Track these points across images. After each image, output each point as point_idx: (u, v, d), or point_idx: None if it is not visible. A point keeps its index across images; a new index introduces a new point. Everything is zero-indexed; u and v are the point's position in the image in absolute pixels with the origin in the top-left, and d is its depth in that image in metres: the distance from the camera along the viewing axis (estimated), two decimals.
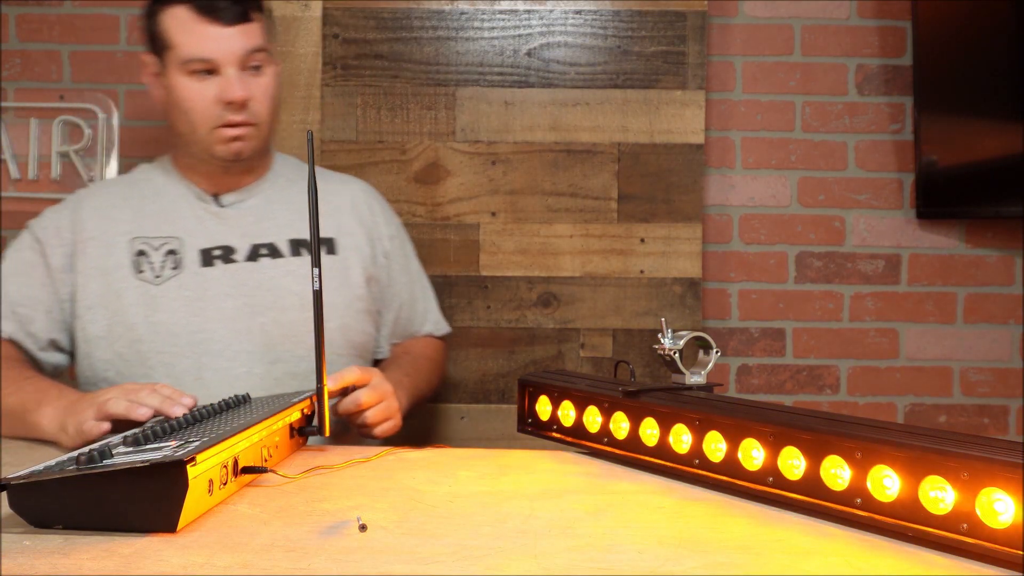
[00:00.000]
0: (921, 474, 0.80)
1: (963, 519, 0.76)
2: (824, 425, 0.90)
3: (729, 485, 0.98)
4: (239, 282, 1.43)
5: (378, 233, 1.57)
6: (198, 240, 1.44)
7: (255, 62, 1.40)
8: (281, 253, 1.46)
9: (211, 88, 1.39)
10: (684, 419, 1.04)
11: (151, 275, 1.42)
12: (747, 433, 0.96)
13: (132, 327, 1.39)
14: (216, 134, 1.40)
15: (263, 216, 1.49)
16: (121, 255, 1.43)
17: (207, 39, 1.37)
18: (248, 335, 1.41)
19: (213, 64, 1.38)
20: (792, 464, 0.92)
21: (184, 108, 1.40)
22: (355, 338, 1.50)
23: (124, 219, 1.46)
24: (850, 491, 0.86)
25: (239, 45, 1.38)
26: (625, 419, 1.12)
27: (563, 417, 1.21)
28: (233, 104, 1.38)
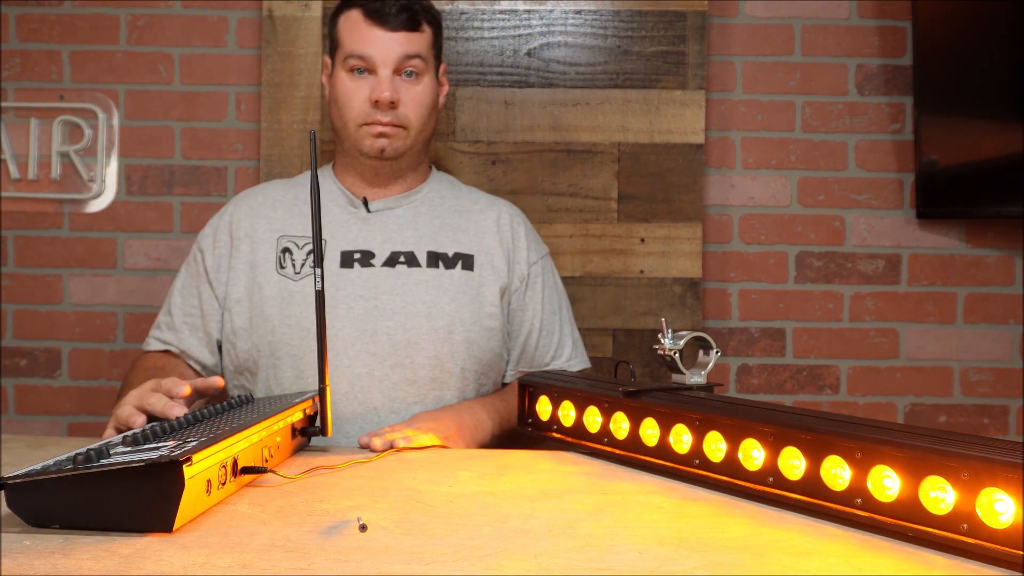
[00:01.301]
0: (921, 474, 0.80)
1: (963, 519, 0.76)
2: (824, 425, 0.90)
3: (729, 485, 0.98)
4: (372, 285, 1.46)
5: (518, 257, 1.57)
6: (340, 242, 1.49)
7: (411, 68, 1.47)
8: (418, 262, 1.49)
9: (365, 86, 1.47)
10: (684, 419, 1.04)
11: (291, 271, 1.47)
12: (747, 433, 0.96)
13: (268, 319, 1.45)
14: (364, 130, 1.47)
15: (407, 225, 1.52)
16: (268, 251, 1.49)
17: (368, 40, 1.46)
18: (373, 337, 1.44)
19: (370, 63, 1.46)
20: (792, 464, 0.92)
21: (339, 102, 1.49)
22: (481, 356, 1.48)
23: (276, 218, 1.53)
24: (850, 491, 0.86)
25: (397, 50, 1.46)
26: (625, 419, 1.12)
27: (563, 417, 1.21)
28: (381, 104, 1.45)
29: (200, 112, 1.94)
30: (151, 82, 1.94)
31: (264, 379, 1.46)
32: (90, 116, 1.93)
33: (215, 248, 1.53)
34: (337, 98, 1.50)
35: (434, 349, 1.45)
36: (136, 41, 1.94)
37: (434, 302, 1.47)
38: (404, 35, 1.46)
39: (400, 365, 1.44)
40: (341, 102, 1.49)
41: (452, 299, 1.47)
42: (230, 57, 1.94)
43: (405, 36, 1.46)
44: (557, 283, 1.62)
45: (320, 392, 1.16)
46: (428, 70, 1.50)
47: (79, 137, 1.93)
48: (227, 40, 1.94)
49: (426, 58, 1.49)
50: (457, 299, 1.48)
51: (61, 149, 1.92)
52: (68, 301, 1.95)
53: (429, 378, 1.45)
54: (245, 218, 1.53)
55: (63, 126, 1.92)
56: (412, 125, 1.49)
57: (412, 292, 1.47)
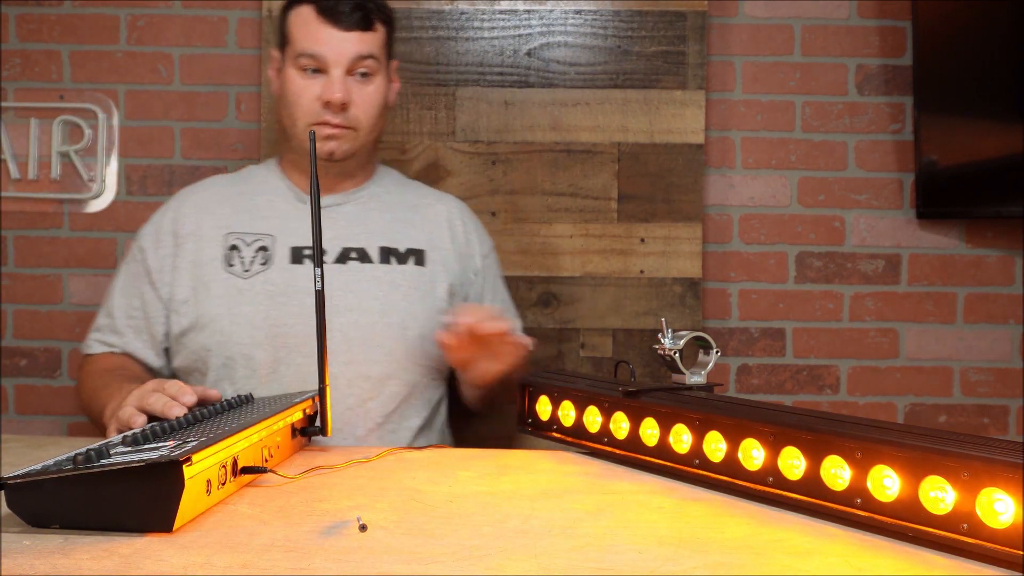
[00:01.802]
0: (921, 474, 0.80)
1: (963, 519, 0.76)
2: (824, 425, 0.90)
3: (729, 485, 0.98)
4: (325, 282, 1.43)
5: (470, 251, 1.59)
6: (290, 239, 1.47)
7: (363, 69, 1.44)
8: (370, 258, 1.49)
9: (316, 86, 1.43)
10: (684, 419, 1.04)
11: (240, 269, 1.45)
12: (747, 433, 0.96)
13: (216, 318, 1.43)
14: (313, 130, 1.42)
15: (357, 221, 1.51)
16: (215, 249, 1.47)
17: (321, 39, 1.42)
18: (327, 334, 1.42)
19: (321, 62, 1.43)
20: (792, 464, 0.92)
21: (288, 100, 1.46)
22: (432, 349, 1.49)
23: (222, 214, 1.50)
24: (850, 491, 0.86)
25: (350, 49, 1.43)
26: (625, 419, 1.12)
27: (563, 417, 1.21)
28: (332, 105, 1.42)
29: (200, 112, 1.94)
30: (151, 82, 1.94)
31: (215, 380, 1.45)
32: (90, 116, 1.93)
33: (158, 248, 1.50)
34: (287, 96, 1.47)
35: (389, 345, 1.45)
36: (136, 41, 1.94)
37: (387, 298, 1.46)
38: (357, 35, 1.43)
39: (355, 362, 1.44)
40: (290, 100, 1.46)
41: (405, 295, 1.48)
42: (230, 57, 1.94)
43: (358, 36, 1.44)
44: (501, 274, 1.67)
45: (320, 392, 1.16)
46: (380, 69, 1.47)
47: (79, 137, 1.93)
48: (227, 40, 1.94)
49: (379, 58, 1.47)
50: (410, 295, 1.48)
51: (61, 149, 1.92)
52: (68, 301, 1.95)
53: (384, 374, 1.45)
54: (190, 215, 1.50)
55: (63, 126, 1.92)
56: (362, 126, 1.47)
57: (365, 288, 1.46)
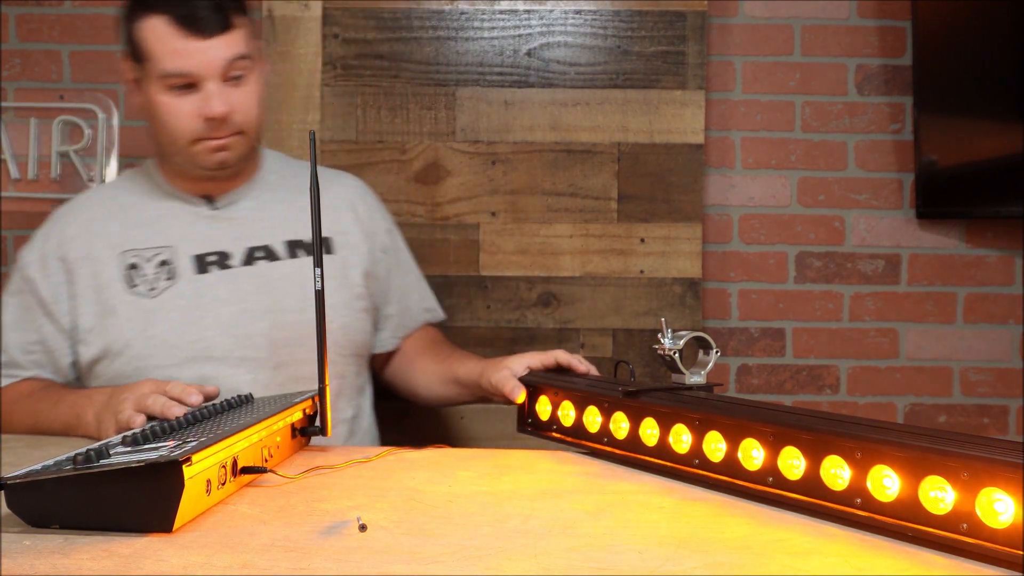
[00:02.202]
0: (921, 474, 0.80)
1: (963, 519, 0.76)
2: (824, 425, 0.90)
3: (729, 485, 0.98)
4: (236, 287, 1.40)
5: (375, 228, 1.56)
6: (191, 247, 1.41)
7: (237, 71, 1.35)
8: (278, 255, 1.44)
9: (191, 103, 1.33)
10: (684, 419, 1.04)
11: (145, 288, 1.38)
12: (747, 433, 0.96)
13: (129, 344, 1.36)
14: (199, 146, 1.36)
15: (256, 218, 1.46)
16: (113, 271, 1.39)
17: (186, 53, 1.31)
18: (249, 341, 1.39)
19: (193, 78, 1.32)
20: (792, 464, 0.92)
21: (163, 121, 1.35)
22: (356, 337, 1.49)
23: (112, 232, 1.41)
24: (850, 491, 0.86)
25: (220, 57, 1.32)
26: (625, 419, 1.12)
27: (563, 417, 1.21)
28: (214, 120, 1.33)
29: None
30: None
31: None
32: (90, 116, 1.93)
33: (47, 277, 1.40)
34: (159, 117, 1.35)
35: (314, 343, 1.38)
36: None
37: (303, 294, 1.38)
38: (223, 39, 1.32)
39: (283, 365, 1.40)
40: (165, 121, 1.35)
41: None
42: None
43: (224, 40, 1.32)
44: (405, 243, 1.64)
45: (320, 392, 1.16)
46: (253, 64, 1.38)
47: (79, 137, 1.93)
48: None
49: (249, 54, 1.37)
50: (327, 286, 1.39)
51: (61, 149, 1.92)
52: None
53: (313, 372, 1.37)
54: (77, 238, 1.40)
55: (63, 126, 1.92)
56: (250, 128, 1.39)
57: (279, 288, 1.41)
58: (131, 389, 1.21)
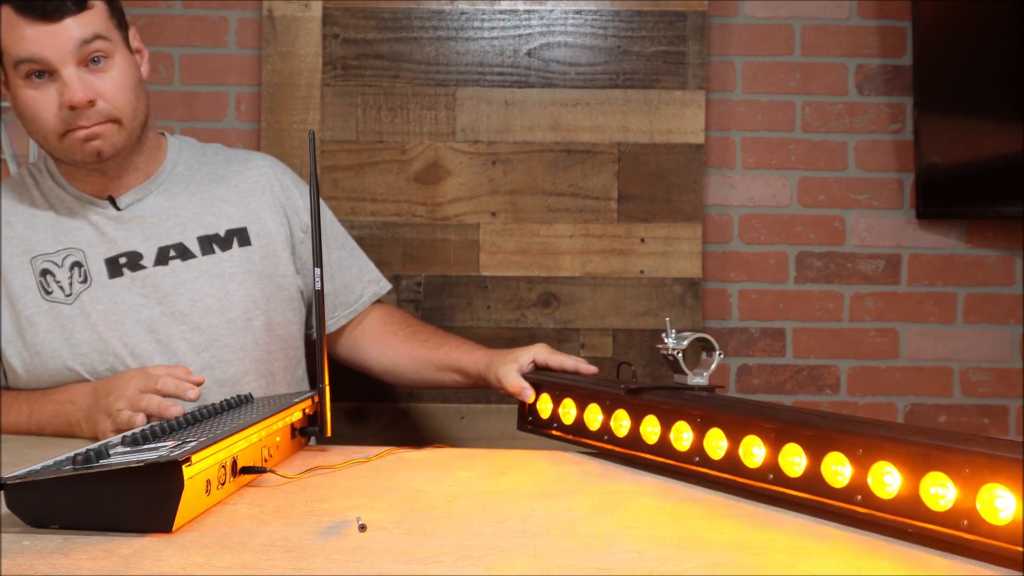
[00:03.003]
0: (922, 471, 0.79)
1: (964, 515, 0.76)
2: (825, 422, 0.90)
3: (729, 482, 0.98)
4: (151, 290, 1.34)
5: (293, 207, 1.47)
6: (100, 249, 1.35)
7: (96, 53, 1.26)
8: (192, 253, 1.37)
9: (51, 93, 1.25)
10: (686, 416, 1.04)
11: (61, 295, 1.32)
12: (748, 430, 0.96)
13: (55, 354, 1.31)
14: (68, 138, 1.28)
15: (166, 215, 1.38)
16: (25, 278, 1.33)
17: (34, 38, 1.23)
18: (170, 346, 1.34)
19: (47, 64, 1.24)
20: (793, 461, 0.91)
21: (28, 116, 1.28)
22: (281, 332, 1.43)
23: (18, 237, 1.35)
24: (851, 488, 0.86)
25: (70, 39, 1.24)
26: (627, 417, 1.12)
27: (564, 415, 1.21)
28: (77, 108, 1.25)
29: (200, 112, 1.94)
30: (151, 82, 1.92)
31: None
32: None
33: None
34: (24, 113, 1.28)
35: (237, 342, 1.37)
36: None
37: (222, 291, 1.36)
38: (72, 21, 1.24)
39: (207, 367, 1.34)
40: (30, 116, 1.28)
41: (241, 283, 1.38)
42: (230, 57, 1.94)
43: (75, 21, 1.24)
44: (333, 216, 1.56)
45: (320, 392, 1.16)
46: (116, 46, 1.29)
47: None
48: (227, 40, 1.94)
49: (108, 35, 1.28)
50: (246, 281, 1.38)
51: None
52: None
53: (240, 372, 1.37)
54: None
55: None
56: (123, 114, 1.29)
57: (196, 287, 1.35)
58: (118, 388, 1.18)
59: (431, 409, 1.86)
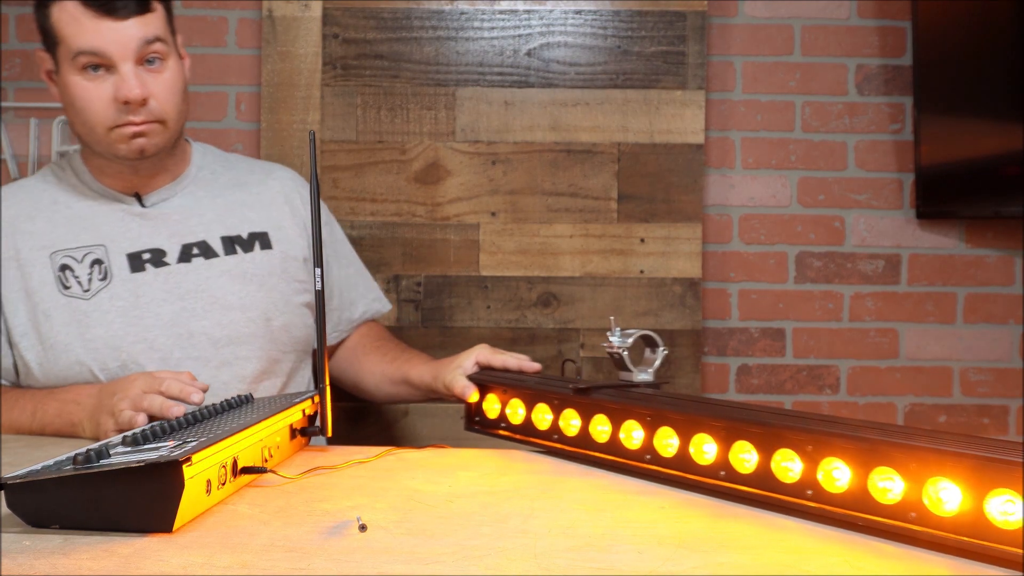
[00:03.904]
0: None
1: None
2: (774, 419, 0.91)
3: (681, 480, 0.99)
4: (174, 285, 1.37)
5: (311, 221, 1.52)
6: (123, 245, 1.37)
7: (153, 54, 1.31)
8: (215, 252, 1.40)
9: (106, 87, 1.29)
10: (635, 415, 1.05)
11: (79, 290, 1.34)
12: (699, 428, 0.98)
13: (68, 348, 1.32)
14: (115, 133, 1.32)
15: (190, 214, 1.42)
16: (43, 272, 1.34)
17: (98, 32, 1.28)
18: (190, 340, 1.35)
19: (106, 59, 1.28)
20: (743, 458, 0.93)
21: (78, 108, 1.31)
22: (297, 333, 1.46)
23: (39, 231, 1.37)
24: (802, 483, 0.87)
25: (134, 37, 1.29)
26: (576, 416, 1.13)
27: (511, 415, 1.22)
28: (131, 104, 1.29)
29: (200, 112, 1.94)
30: None
31: None
32: None
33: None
34: (74, 103, 1.31)
35: (256, 341, 1.39)
36: None
37: (243, 291, 1.39)
38: (137, 20, 1.29)
39: (226, 364, 1.37)
40: (80, 107, 1.31)
41: (261, 284, 1.41)
42: (230, 57, 1.94)
43: (139, 21, 1.29)
44: (343, 234, 1.62)
45: (320, 392, 1.16)
46: (171, 51, 1.34)
47: None
48: (227, 40, 1.94)
49: (166, 39, 1.33)
50: (266, 283, 1.41)
51: (61, 149, 1.92)
52: None
53: (258, 371, 1.39)
54: (3, 238, 1.36)
55: (63, 126, 1.92)
56: (169, 117, 1.34)
57: (218, 285, 1.38)
58: (123, 388, 1.19)
59: (431, 409, 1.86)
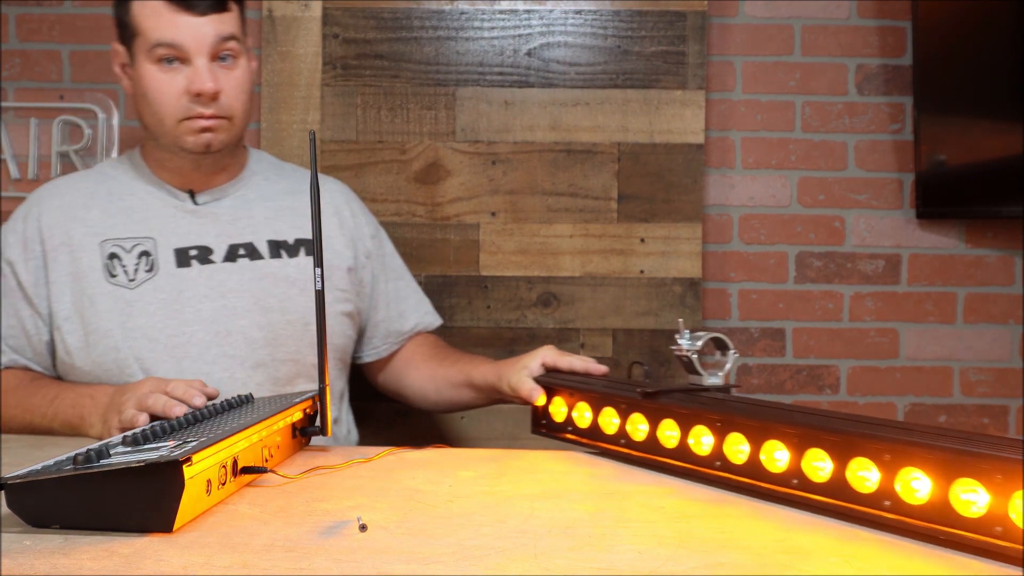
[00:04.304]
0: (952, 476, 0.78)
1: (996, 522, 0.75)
2: (851, 426, 0.87)
3: (752, 488, 0.96)
4: (217, 283, 1.39)
5: (359, 234, 1.55)
6: (172, 240, 1.40)
7: (227, 52, 1.36)
8: (260, 254, 1.43)
9: (180, 79, 1.34)
10: (704, 420, 1.02)
11: (125, 279, 1.37)
12: (770, 435, 0.94)
13: (108, 334, 1.35)
14: (184, 125, 1.36)
15: (240, 215, 1.45)
16: (92, 259, 1.38)
17: (177, 26, 1.33)
18: (228, 338, 1.38)
19: (182, 52, 1.33)
20: (817, 466, 0.90)
21: (151, 98, 1.36)
22: (336, 341, 1.47)
23: (93, 220, 1.41)
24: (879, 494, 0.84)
25: (211, 34, 1.33)
26: (644, 420, 1.10)
27: (578, 418, 1.20)
28: (203, 96, 1.34)
29: None
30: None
31: None
32: (90, 116, 1.93)
33: (27, 260, 1.39)
34: (147, 94, 1.36)
35: (294, 344, 1.40)
36: None
37: (285, 294, 1.41)
38: (215, 17, 1.34)
39: (262, 364, 1.39)
40: (153, 98, 1.35)
41: (302, 289, 1.43)
42: None
43: (216, 18, 1.34)
44: (393, 247, 1.63)
45: (320, 392, 1.16)
46: (243, 51, 1.39)
47: (79, 137, 1.93)
48: None
49: (240, 37, 1.38)
50: (307, 289, 1.41)
51: (61, 149, 1.92)
52: None
53: (293, 374, 1.41)
54: (57, 224, 1.40)
55: (63, 126, 1.92)
56: (236, 114, 1.38)
57: (260, 286, 1.41)
58: (133, 389, 1.21)
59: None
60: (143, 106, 1.39)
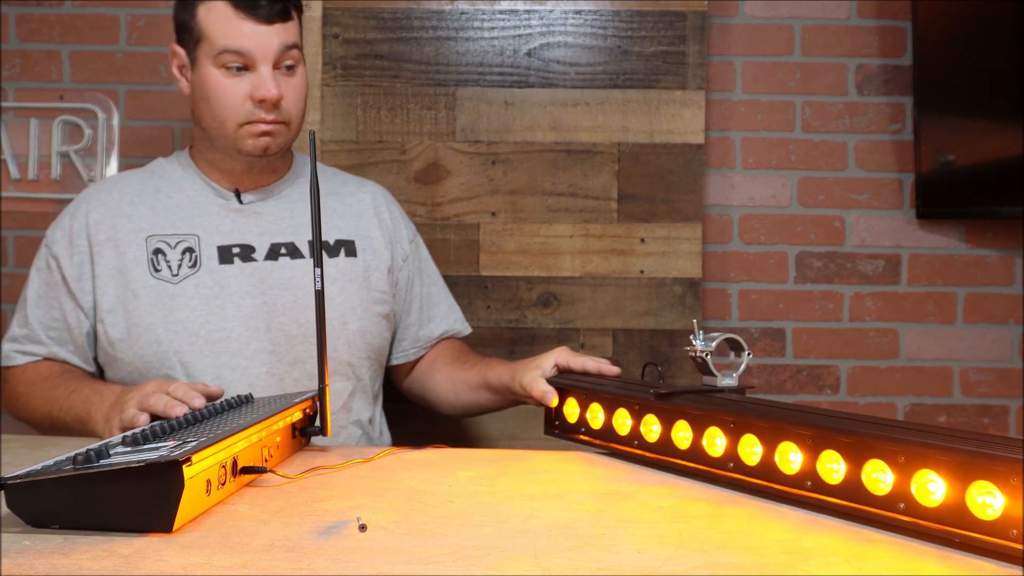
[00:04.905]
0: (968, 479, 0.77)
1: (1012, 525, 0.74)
2: (865, 428, 0.87)
3: (766, 489, 0.96)
4: (258, 280, 1.42)
5: (398, 236, 1.57)
6: (216, 237, 1.43)
7: (289, 61, 1.40)
8: (301, 253, 1.46)
9: (243, 84, 1.38)
10: (718, 421, 1.02)
11: (168, 274, 1.40)
12: (784, 436, 0.94)
13: (150, 328, 1.38)
14: (245, 129, 1.39)
15: (283, 216, 1.48)
16: (137, 254, 1.41)
17: (245, 34, 1.36)
18: (267, 334, 1.41)
19: (248, 59, 1.37)
20: (832, 468, 0.89)
21: (213, 102, 1.39)
22: (373, 341, 1.49)
23: (139, 216, 1.44)
24: (893, 495, 0.83)
25: (276, 43, 1.37)
26: (657, 422, 1.10)
27: (591, 419, 1.20)
28: (266, 103, 1.38)
29: None
30: (151, 82, 1.94)
31: None
32: (90, 116, 1.93)
33: (73, 255, 1.43)
34: (210, 98, 1.39)
35: (332, 342, 1.41)
36: (136, 41, 1.94)
37: (324, 293, 1.43)
38: (280, 26, 1.38)
39: (300, 361, 1.42)
40: (215, 102, 1.39)
41: (342, 288, 1.46)
42: None
43: (281, 27, 1.38)
44: (429, 254, 1.66)
45: (320, 392, 1.16)
46: (301, 59, 1.43)
47: (79, 137, 1.93)
48: None
49: (300, 46, 1.43)
50: (347, 288, 1.46)
51: (61, 149, 1.92)
52: None
53: (330, 371, 1.39)
54: (104, 219, 1.43)
55: (63, 126, 1.92)
56: (294, 120, 1.43)
57: (300, 285, 1.43)
58: (137, 389, 1.22)
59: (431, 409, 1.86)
60: (204, 109, 1.42)
